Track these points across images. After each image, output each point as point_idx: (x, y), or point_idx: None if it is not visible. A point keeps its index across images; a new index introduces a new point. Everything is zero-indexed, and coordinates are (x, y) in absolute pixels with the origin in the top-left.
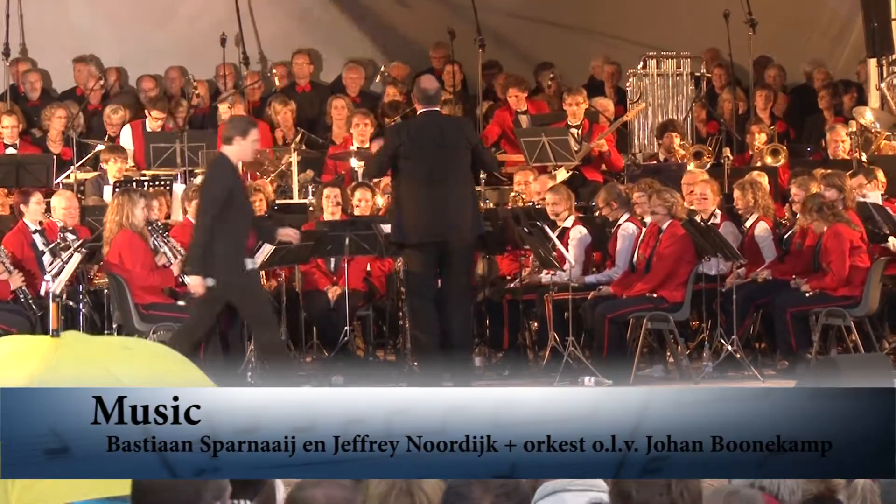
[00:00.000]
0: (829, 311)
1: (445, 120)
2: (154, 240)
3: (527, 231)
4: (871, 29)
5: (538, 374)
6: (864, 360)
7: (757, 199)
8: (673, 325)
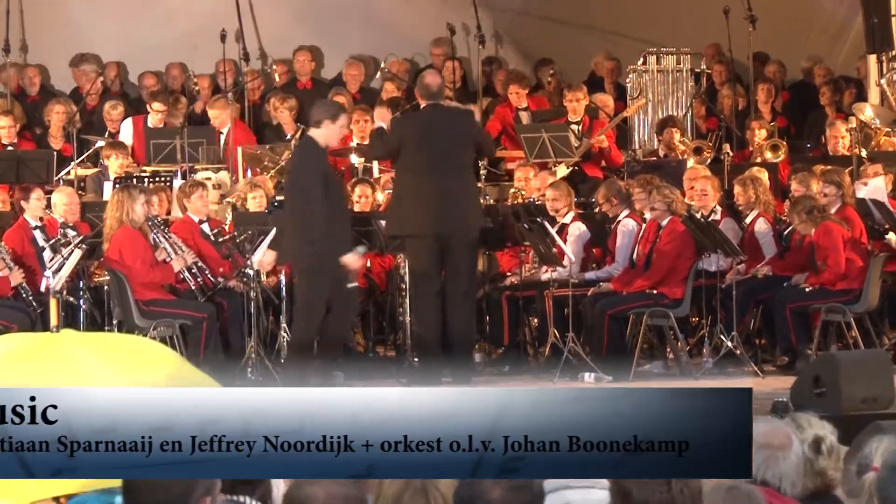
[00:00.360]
0: (829, 306)
1: (451, 113)
2: (154, 236)
3: (527, 227)
4: (870, 25)
5: (538, 371)
6: (863, 357)
7: (758, 195)
8: (673, 322)
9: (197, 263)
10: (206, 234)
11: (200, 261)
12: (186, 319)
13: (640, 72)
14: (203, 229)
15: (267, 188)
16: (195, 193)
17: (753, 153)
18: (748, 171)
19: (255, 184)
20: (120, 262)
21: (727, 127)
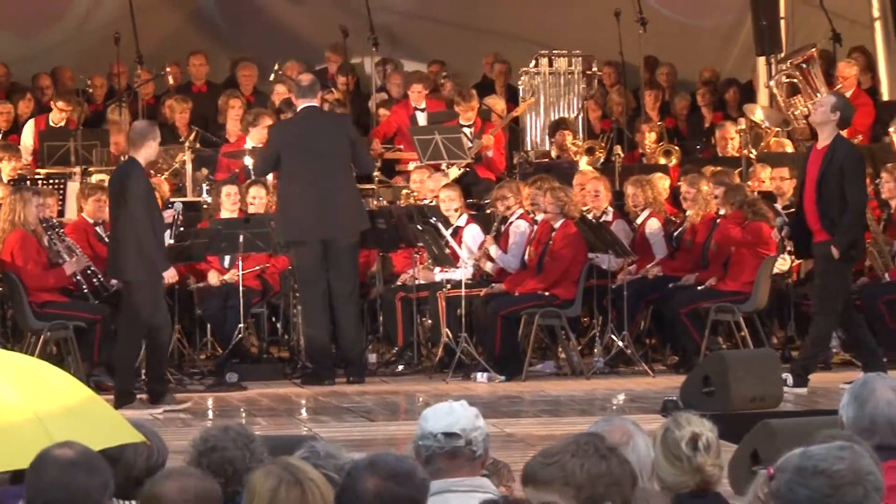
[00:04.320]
0: (718, 306)
1: (325, 116)
2: (49, 238)
3: (420, 228)
4: (760, 28)
5: (431, 371)
6: (752, 356)
7: (655, 195)
8: (564, 322)
9: (90, 266)
10: (101, 235)
11: (95, 262)
12: (81, 321)
13: (532, 74)
14: (98, 231)
15: (162, 190)
16: (93, 196)
17: (646, 156)
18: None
19: None
20: (13, 264)
21: (619, 129)
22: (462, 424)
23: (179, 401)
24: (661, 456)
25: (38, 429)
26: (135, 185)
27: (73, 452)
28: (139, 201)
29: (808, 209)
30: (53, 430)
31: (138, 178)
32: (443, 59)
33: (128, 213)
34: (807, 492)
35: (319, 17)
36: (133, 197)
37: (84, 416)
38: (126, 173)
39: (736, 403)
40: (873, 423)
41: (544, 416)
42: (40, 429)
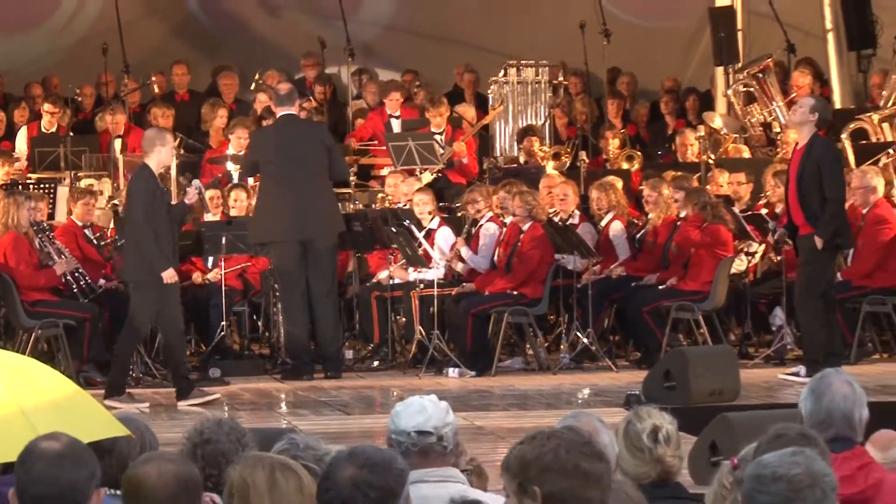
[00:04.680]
0: (679, 305)
1: (302, 123)
2: (39, 240)
3: (394, 231)
4: (718, 39)
5: (405, 367)
6: (711, 352)
7: (618, 198)
8: (532, 320)
9: (79, 268)
10: (90, 237)
11: (84, 263)
12: (71, 319)
13: (501, 83)
14: (86, 233)
15: None
16: (82, 199)
17: (610, 161)
18: (605, 178)
19: None
20: (5, 265)
21: (583, 136)
22: (434, 422)
23: (208, 393)
24: (623, 448)
25: (23, 423)
26: (136, 188)
27: (60, 445)
28: (139, 204)
29: (792, 205)
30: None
31: (140, 181)
32: (416, 69)
33: (129, 216)
34: (767, 498)
35: (298, 29)
36: (135, 199)
37: (70, 411)
38: (133, 178)
39: (695, 397)
40: (829, 416)
41: (513, 410)
42: (25, 423)
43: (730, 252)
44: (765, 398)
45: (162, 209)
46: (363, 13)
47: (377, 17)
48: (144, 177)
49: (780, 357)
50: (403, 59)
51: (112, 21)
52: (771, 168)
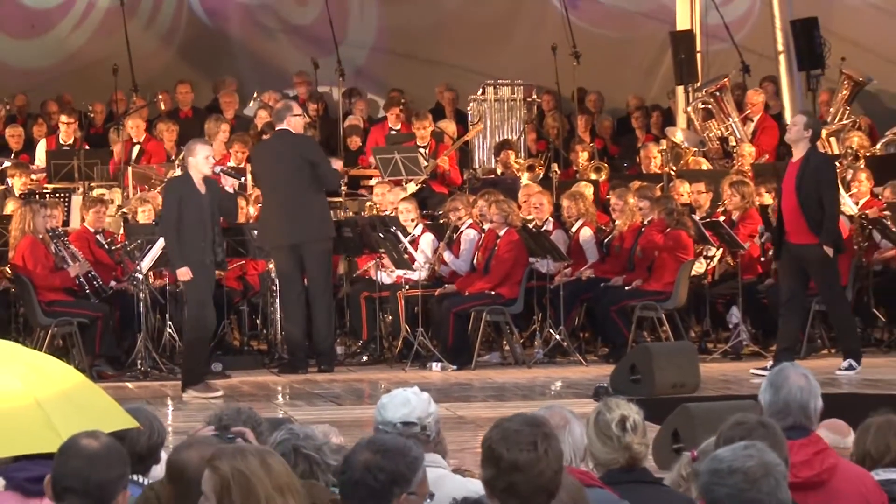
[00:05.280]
0: (643, 304)
1: (291, 138)
2: (55, 245)
3: (381, 236)
4: (679, 61)
5: (392, 361)
6: (673, 348)
7: (586, 207)
8: (509, 318)
9: (91, 270)
10: (101, 242)
11: (96, 266)
12: (84, 318)
13: (480, 101)
14: (98, 238)
15: (155, 203)
16: (94, 208)
17: (579, 172)
18: (575, 186)
19: (144, 199)
20: (24, 268)
21: (555, 149)
22: (417, 413)
23: (213, 388)
24: (593, 436)
25: (38, 415)
26: (167, 194)
27: (98, 445)
28: (166, 208)
29: (786, 215)
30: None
31: (170, 188)
32: (401, 87)
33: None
34: (725, 489)
35: (293, 51)
36: (164, 204)
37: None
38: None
39: (659, 389)
40: (787, 407)
41: (491, 401)
42: (41, 415)
43: (690, 256)
44: (722, 390)
45: (191, 212)
46: (353, 36)
47: (366, 39)
48: (169, 187)
49: (736, 352)
50: (390, 79)
51: (122, 45)
52: (727, 179)
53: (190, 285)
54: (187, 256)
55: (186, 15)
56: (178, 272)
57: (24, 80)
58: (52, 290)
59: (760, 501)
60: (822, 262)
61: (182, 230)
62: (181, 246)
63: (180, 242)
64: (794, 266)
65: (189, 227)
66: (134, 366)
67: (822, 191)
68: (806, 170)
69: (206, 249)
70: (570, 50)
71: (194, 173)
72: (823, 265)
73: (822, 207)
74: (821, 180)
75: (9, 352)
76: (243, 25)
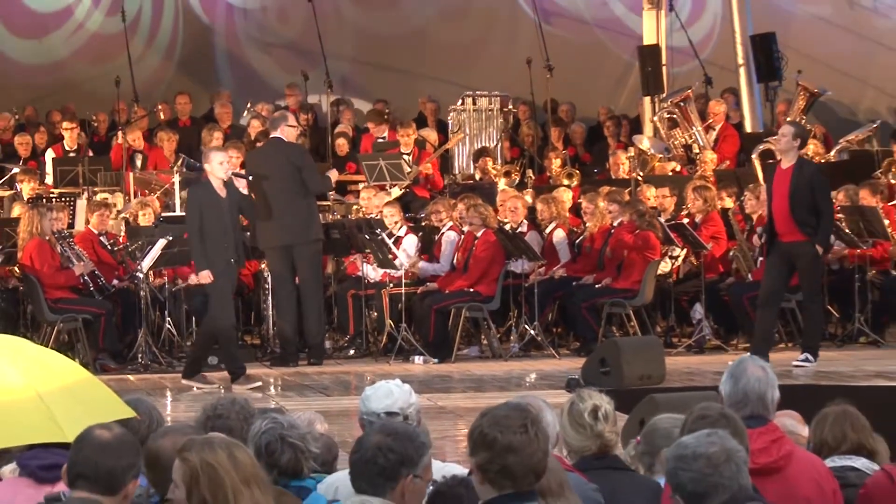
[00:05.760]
0: (612, 301)
1: (281, 146)
2: (61, 246)
3: (367, 238)
4: (646, 73)
5: (377, 355)
6: (640, 342)
7: (559, 210)
8: (486, 314)
9: (95, 270)
10: (104, 243)
11: (99, 266)
12: (88, 314)
13: (460, 111)
14: (101, 240)
15: (154, 206)
16: (98, 211)
17: (553, 178)
18: (555, 191)
19: (144, 203)
20: (31, 267)
21: (530, 156)
22: (399, 404)
23: (208, 380)
24: (567, 424)
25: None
26: (188, 201)
27: (109, 436)
28: (189, 215)
29: (777, 217)
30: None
31: (191, 196)
32: (386, 98)
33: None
34: (690, 474)
35: (284, 64)
36: (187, 211)
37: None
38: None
39: (627, 381)
40: (745, 396)
41: (470, 392)
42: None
43: (657, 255)
44: (686, 381)
45: (212, 216)
46: (341, 50)
47: (352, 53)
48: (190, 194)
49: (699, 346)
50: (375, 90)
51: (124, 59)
52: (691, 184)
53: (212, 286)
54: (212, 259)
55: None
56: (199, 275)
57: (31, 91)
58: (58, 289)
59: (722, 485)
60: (812, 259)
61: (205, 234)
62: (205, 249)
63: (204, 246)
64: (782, 264)
65: (211, 231)
66: (135, 359)
67: (818, 197)
68: (800, 177)
69: (228, 250)
70: (543, 63)
71: (213, 179)
72: (812, 262)
73: (813, 211)
74: (816, 187)
75: (13, 347)
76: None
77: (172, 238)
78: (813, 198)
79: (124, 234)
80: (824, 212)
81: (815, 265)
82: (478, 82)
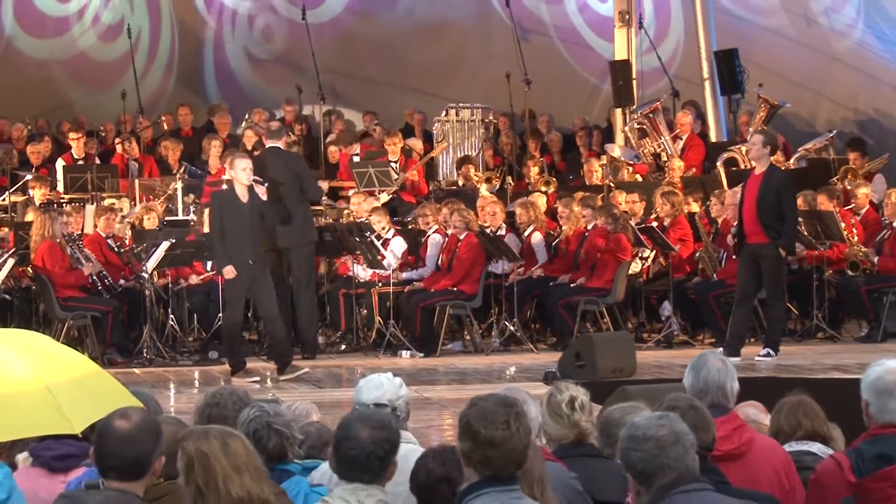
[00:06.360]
0: (586, 299)
1: (280, 154)
2: (71, 248)
3: (357, 240)
4: (617, 87)
5: (367, 350)
6: (613, 337)
7: (536, 214)
8: (469, 312)
9: (102, 270)
10: (111, 246)
11: (107, 266)
12: (96, 312)
13: (444, 121)
14: (109, 242)
15: (158, 211)
16: (105, 215)
17: (531, 185)
18: (529, 196)
19: (149, 207)
20: (43, 268)
21: (509, 164)
22: (389, 396)
23: (248, 372)
24: (546, 415)
25: (47, 398)
26: (210, 205)
27: (129, 425)
28: (211, 217)
29: (746, 219)
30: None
31: (213, 200)
32: (374, 109)
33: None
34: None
35: (279, 77)
36: (210, 214)
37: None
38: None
39: (601, 374)
40: (706, 387)
41: (454, 384)
42: (49, 398)
43: (628, 257)
44: (656, 374)
45: (232, 219)
46: (332, 63)
47: (343, 66)
48: (213, 198)
49: (668, 341)
50: (364, 102)
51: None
52: (659, 189)
53: (228, 283)
54: (232, 258)
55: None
56: (224, 271)
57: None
58: (68, 288)
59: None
60: (775, 261)
61: (225, 235)
62: (225, 249)
63: (224, 246)
64: (750, 265)
65: (231, 233)
66: (140, 354)
67: (784, 202)
68: (769, 182)
69: (244, 251)
70: (521, 77)
71: (236, 184)
72: (775, 264)
73: (779, 215)
74: (782, 193)
75: (24, 341)
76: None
77: (175, 240)
78: (779, 203)
79: (130, 237)
80: (788, 217)
81: (777, 267)
82: (461, 95)
